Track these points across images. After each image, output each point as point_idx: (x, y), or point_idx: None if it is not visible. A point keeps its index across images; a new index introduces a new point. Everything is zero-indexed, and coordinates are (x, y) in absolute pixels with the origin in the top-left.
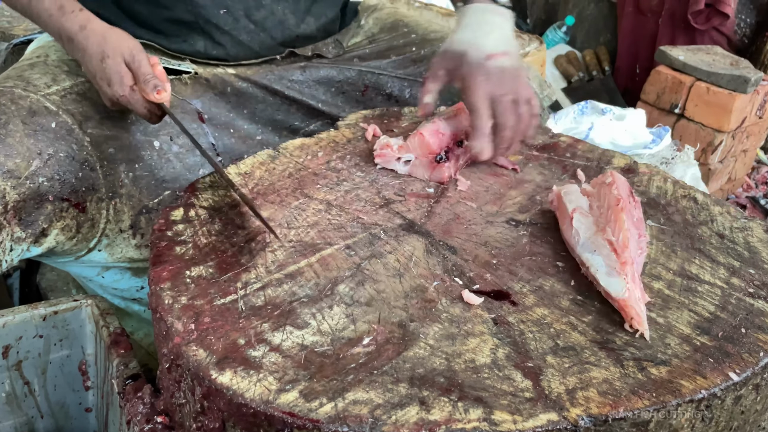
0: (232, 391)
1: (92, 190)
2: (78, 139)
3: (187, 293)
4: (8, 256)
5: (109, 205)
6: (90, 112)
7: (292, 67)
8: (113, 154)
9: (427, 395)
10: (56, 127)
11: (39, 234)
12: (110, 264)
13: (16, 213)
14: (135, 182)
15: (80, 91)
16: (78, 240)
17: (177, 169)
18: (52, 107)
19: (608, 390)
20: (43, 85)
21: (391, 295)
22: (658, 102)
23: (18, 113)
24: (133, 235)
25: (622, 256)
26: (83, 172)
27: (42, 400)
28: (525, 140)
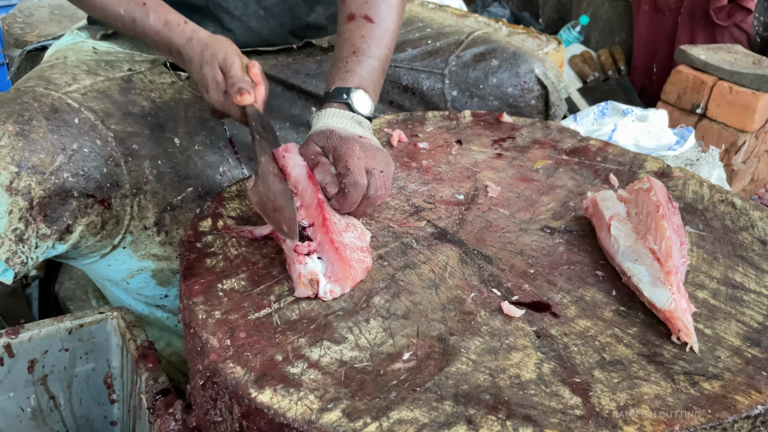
0: (273, 410)
1: (117, 186)
2: (102, 135)
3: (220, 307)
4: (33, 253)
5: (133, 202)
6: (111, 109)
7: (309, 61)
8: (137, 150)
9: (474, 413)
10: (79, 123)
11: (64, 230)
12: (135, 264)
13: (41, 209)
14: (159, 179)
15: (100, 89)
16: (102, 237)
17: (198, 166)
18: (74, 104)
19: (661, 406)
20: (63, 84)
21: (428, 308)
22: (679, 102)
23: (41, 110)
24: (157, 232)
25: (665, 266)
26: (108, 168)
27: (67, 414)
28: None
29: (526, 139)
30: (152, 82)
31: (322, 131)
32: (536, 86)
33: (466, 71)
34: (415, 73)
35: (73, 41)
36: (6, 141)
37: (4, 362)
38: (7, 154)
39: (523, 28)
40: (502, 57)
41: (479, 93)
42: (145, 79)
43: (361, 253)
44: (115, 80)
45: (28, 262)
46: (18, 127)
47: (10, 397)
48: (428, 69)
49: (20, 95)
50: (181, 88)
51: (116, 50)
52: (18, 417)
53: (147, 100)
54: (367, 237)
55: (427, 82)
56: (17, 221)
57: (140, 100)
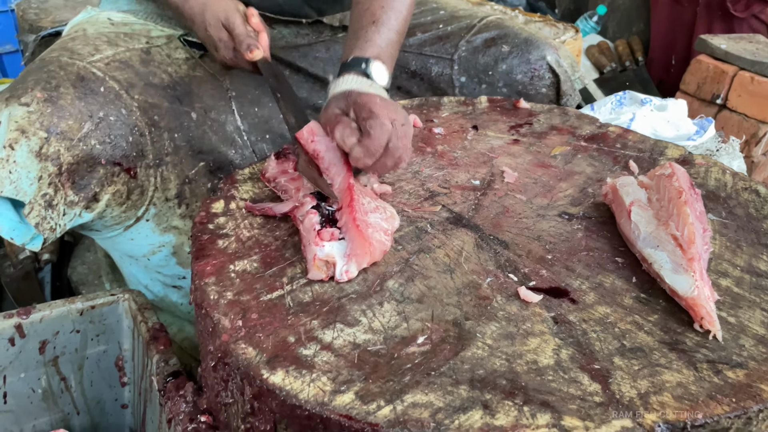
0: (286, 391)
1: (142, 156)
2: (127, 104)
3: (232, 288)
4: (62, 220)
5: (156, 172)
6: (134, 80)
7: (317, 44)
8: (158, 121)
9: (490, 398)
10: (104, 91)
11: (91, 198)
12: (157, 238)
13: (69, 175)
14: (176, 151)
15: (122, 59)
16: (127, 207)
17: (212, 141)
18: (99, 73)
19: (684, 394)
20: (87, 54)
21: (443, 292)
22: (699, 92)
23: (67, 78)
24: (178, 205)
25: (688, 252)
26: (133, 137)
27: (78, 396)
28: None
29: (544, 125)
30: (169, 56)
31: (341, 93)
32: (548, 74)
33: (475, 57)
34: (423, 58)
35: (88, 15)
36: (35, 107)
37: (15, 342)
38: (36, 120)
39: (540, 17)
40: (513, 43)
41: (488, 79)
42: (162, 52)
43: (384, 235)
44: (135, 51)
45: (57, 228)
46: (46, 93)
47: (21, 378)
48: (437, 54)
49: (46, 64)
50: (195, 65)
51: (131, 21)
52: (29, 398)
53: (165, 73)
54: (395, 222)
55: (436, 68)
56: (47, 186)
57: (159, 72)
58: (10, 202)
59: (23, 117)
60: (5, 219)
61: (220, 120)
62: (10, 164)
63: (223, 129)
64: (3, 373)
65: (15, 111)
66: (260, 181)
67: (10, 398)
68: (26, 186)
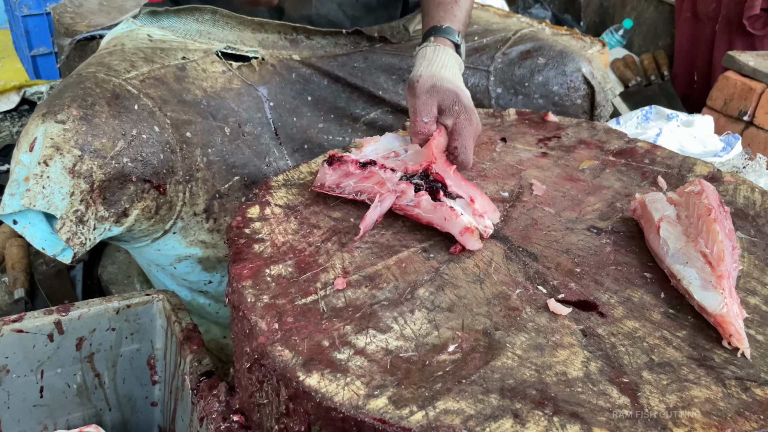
0: (321, 394)
1: (171, 172)
2: (159, 122)
3: (268, 292)
4: (91, 234)
5: (185, 188)
6: (167, 96)
7: (355, 53)
8: (190, 138)
9: (520, 408)
10: (138, 109)
11: (121, 214)
12: (183, 250)
13: (101, 192)
14: (208, 167)
15: (157, 76)
16: (156, 221)
17: (246, 155)
18: (134, 90)
19: (712, 410)
20: (123, 70)
21: (473, 302)
22: (726, 109)
23: (103, 95)
24: (206, 219)
25: (717, 270)
26: (164, 154)
27: (111, 392)
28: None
29: (572, 138)
30: (204, 70)
31: (447, 89)
32: (583, 85)
33: (512, 68)
34: None
35: (128, 29)
36: (70, 125)
37: (53, 338)
38: (72, 138)
39: (567, 30)
40: (549, 55)
41: (524, 91)
42: (198, 67)
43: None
44: (170, 68)
45: (87, 243)
46: (82, 111)
47: (58, 373)
48: (473, 66)
49: (82, 80)
50: (232, 77)
51: (170, 38)
52: (64, 393)
53: (199, 89)
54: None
55: (472, 79)
56: (78, 203)
57: (193, 88)
58: (43, 214)
59: (59, 134)
60: (37, 230)
61: (255, 133)
62: (44, 180)
63: (258, 142)
64: (41, 368)
65: (51, 128)
66: (294, 187)
67: (47, 392)
68: (58, 201)
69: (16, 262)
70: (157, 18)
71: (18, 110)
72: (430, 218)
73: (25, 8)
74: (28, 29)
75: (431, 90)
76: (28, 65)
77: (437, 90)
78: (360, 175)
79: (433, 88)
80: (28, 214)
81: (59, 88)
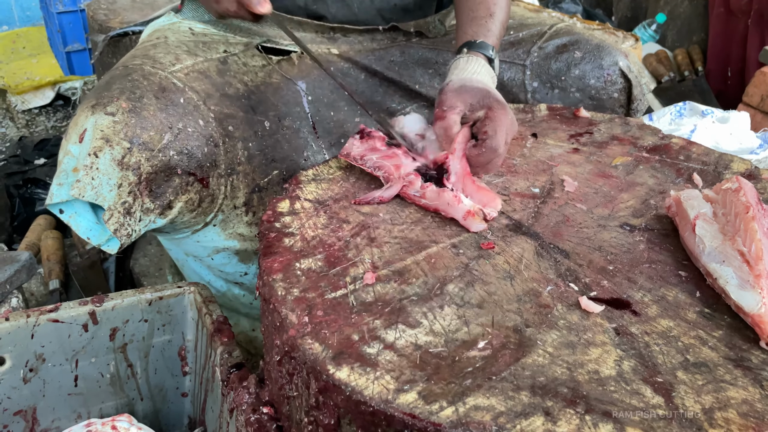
0: (351, 387)
1: (215, 165)
2: (204, 115)
3: (298, 285)
4: (137, 226)
5: (227, 182)
6: (211, 90)
7: (392, 48)
8: (232, 131)
9: (552, 405)
10: (184, 102)
11: (166, 206)
12: (222, 242)
13: (147, 184)
14: (249, 160)
15: (201, 70)
16: (197, 214)
17: (285, 149)
18: (179, 84)
19: (749, 412)
20: (168, 63)
21: (503, 298)
22: (763, 105)
23: (150, 88)
24: (246, 212)
25: (755, 269)
26: (208, 147)
27: (143, 382)
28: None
29: (605, 134)
30: (245, 64)
31: (476, 88)
32: (620, 79)
33: (548, 62)
34: None
35: (170, 22)
36: (120, 117)
37: (88, 328)
38: (121, 130)
39: (599, 24)
40: (585, 49)
41: (561, 84)
42: (239, 61)
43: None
44: (213, 61)
45: (133, 234)
46: (131, 104)
47: (92, 363)
48: (510, 60)
49: (129, 72)
50: (271, 71)
51: (211, 32)
52: (98, 382)
53: (240, 82)
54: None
55: (508, 73)
56: (126, 195)
57: (235, 82)
58: (89, 204)
59: (108, 126)
60: (83, 220)
61: (294, 127)
62: (93, 171)
63: (297, 136)
64: (76, 357)
65: (101, 120)
66: (324, 182)
67: (81, 381)
68: (106, 192)
69: (52, 254)
70: (199, 12)
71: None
72: (437, 205)
73: (59, 5)
74: (63, 26)
75: (459, 89)
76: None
77: (466, 89)
78: (384, 152)
79: (461, 88)
80: (74, 204)
81: (106, 79)
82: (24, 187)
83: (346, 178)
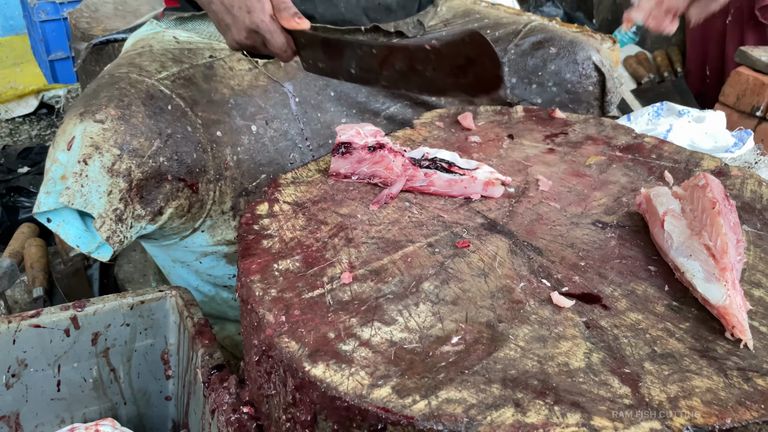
0: (326, 384)
1: (204, 171)
2: (191, 122)
3: (276, 286)
4: (129, 232)
5: (216, 187)
6: (197, 97)
7: None
8: (220, 137)
9: (522, 397)
10: (171, 109)
11: (156, 212)
12: (209, 247)
13: (138, 191)
14: (238, 165)
15: (186, 77)
16: (187, 219)
17: (271, 153)
18: (166, 91)
19: (713, 400)
20: (154, 71)
21: (477, 295)
22: (738, 104)
23: (138, 96)
24: (233, 217)
25: (720, 262)
26: (197, 153)
27: (126, 387)
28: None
29: (579, 135)
30: (231, 68)
31: None
32: (594, 72)
33: (524, 59)
34: None
35: (153, 31)
36: (109, 124)
37: (70, 333)
38: (111, 137)
39: (577, 27)
40: (560, 45)
41: (538, 80)
42: (225, 65)
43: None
44: (199, 67)
45: (124, 241)
46: (119, 111)
47: (74, 368)
48: None
49: (116, 80)
50: (258, 74)
51: (196, 39)
52: (80, 387)
53: (227, 87)
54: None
55: None
56: (117, 201)
57: (221, 87)
58: (77, 212)
59: (98, 133)
60: (71, 228)
61: (282, 129)
62: (83, 178)
63: (284, 138)
64: (58, 363)
65: (90, 127)
66: (303, 185)
67: (63, 386)
68: (95, 200)
69: (35, 261)
70: (182, 22)
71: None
72: (448, 191)
73: (42, 14)
74: (46, 34)
75: None
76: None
77: None
78: (371, 159)
79: None
80: (62, 212)
81: (93, 88)
82: (7, 195)
83: (325, 180)
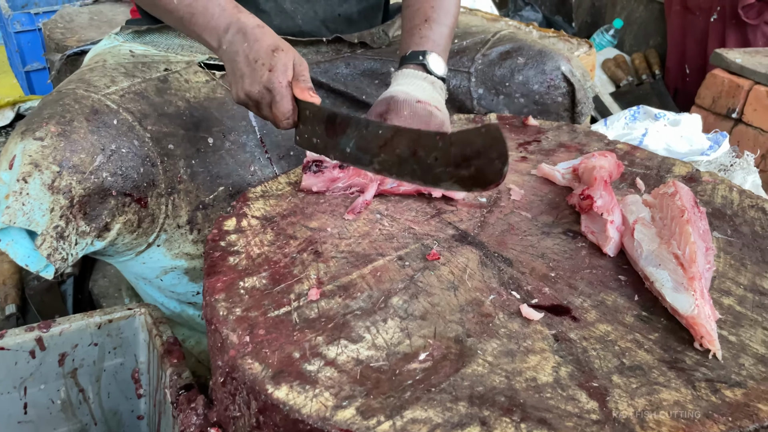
0: (289, 406)
1: (153, 185)
2: (139, 136)
3: (241, 304)
4: (73, 249)
5: (168, 201)
6: (148, 110)
7: (337, 60)
8: (173, 150)
9: (488, 415)
10: (118, 124)
11: (102, 228)
12: (168, 262)
13: (81, 207)
14: (192, 178)
15: (137, 91)
16: (138, 234)
17: (230, 165)
18: (113, 105)
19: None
20: (103, 86)
21: (446, 309)
22: (714, 107)
23: (81, 111)
24: (190, 231)
25: (689, 271)
26: (144, 167)
27: (96, 407)
28: None
29: (552, 142)
30: (187, 81)
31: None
32: (563, 83)
33: (492, 69)
34: None
35: (111, 45)
36: (48, 141)
37: (35, 355)
38: (50, 154)
39: (554, 32)
40: (528, 55)
41: (505, 90)
42: (180, 78)
43: None
44: (152, 81)
45: (69, 258)
46: (60, 128)
47: (41, 389)
48: (454, 68)
49: (62, 97)
50: (215, 87)
51: (152, 53)
52: (48, 409)
53: (182, 100)
54: None
55: (454, 81)
56: (58, 219)
57: (176, 100)
58: (26, 231)
59: (37, 151)
60: (20, 247)
61: (240, 141)
62: (24, 196)
63: (243, 150)
64: (24, 385)
65: (29, 145)
66: (272, 198)
67: (31, 409)
68: (39, 217)
69: (7, 278)
70: (139, 35)
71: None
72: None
73: (17, 24)
74: (21, 45)
75: (375, 104)
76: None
77: (379, 102)
78: (345, 175)
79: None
80: (10, 231)
81: (39, 105)
82: None
83: (295, 193)
